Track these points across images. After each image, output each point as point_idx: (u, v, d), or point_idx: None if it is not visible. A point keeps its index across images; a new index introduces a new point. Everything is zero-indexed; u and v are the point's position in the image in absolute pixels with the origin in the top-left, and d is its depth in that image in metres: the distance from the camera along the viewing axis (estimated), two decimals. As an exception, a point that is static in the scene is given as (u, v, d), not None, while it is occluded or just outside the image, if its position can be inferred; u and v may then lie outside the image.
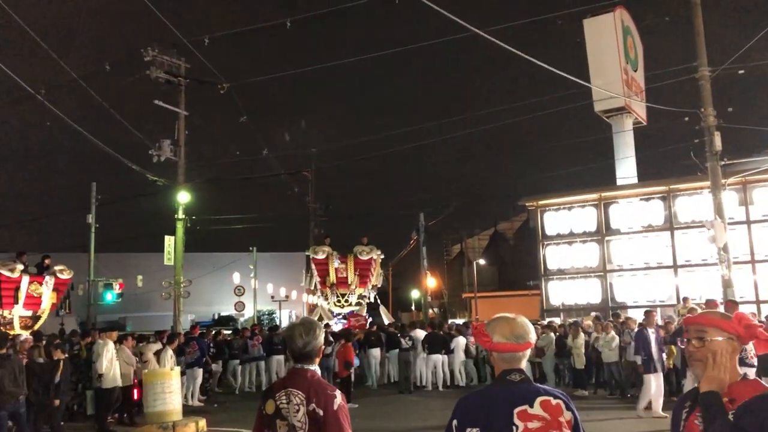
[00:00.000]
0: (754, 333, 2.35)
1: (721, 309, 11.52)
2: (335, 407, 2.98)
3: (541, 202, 22.45)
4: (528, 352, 2.61)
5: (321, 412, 2.95)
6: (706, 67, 16.17)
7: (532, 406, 2.45)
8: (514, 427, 2.42)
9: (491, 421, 2.45)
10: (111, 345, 11.93)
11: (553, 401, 2.47)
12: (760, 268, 18.90)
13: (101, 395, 11.81)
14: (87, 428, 12.06)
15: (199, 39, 20.00)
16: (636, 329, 14.94)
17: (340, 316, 23.89)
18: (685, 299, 16.81)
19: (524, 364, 2.62)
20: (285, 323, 33.82)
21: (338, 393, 3.06)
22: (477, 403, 2.55)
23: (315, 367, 3.15)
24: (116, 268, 29.15)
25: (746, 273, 18.69)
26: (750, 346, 9.63)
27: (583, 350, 15.31)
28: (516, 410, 2.44)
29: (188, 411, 12.92)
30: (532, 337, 2.61)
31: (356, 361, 16.86)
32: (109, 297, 24.78)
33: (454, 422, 2.55)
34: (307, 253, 25.75)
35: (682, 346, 13.81)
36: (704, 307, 12.84)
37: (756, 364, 9.40)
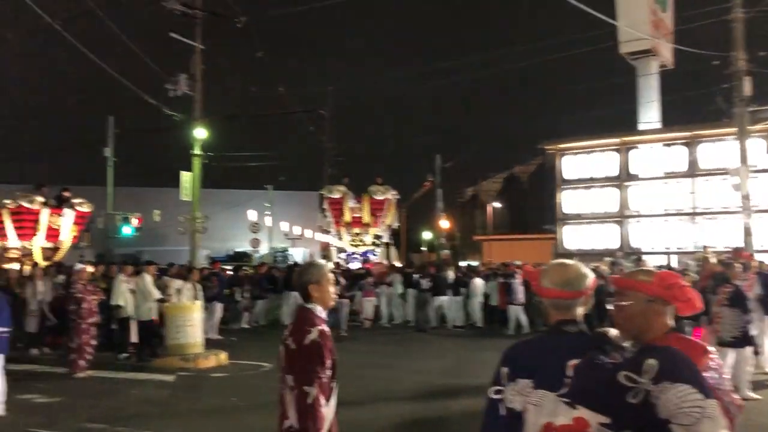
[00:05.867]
0: (675, 294, 2.28)
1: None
2: (306, 342, 3.08)
3: (561, 146, 22.19)
4: (580, 301, 2.44)
5: (293, 346, 3.09)
6: (740, 9, 15.64)
7: None
8: (566, 380, 2.29)
9: (543, 372, 2.34)
10: (148, 278, 12.10)
11: None
12: (781, 217, 18.72)
13: (142, 327, 12.09)
14: (110, 357, 12.29)
15: (216, -31, 19.48)
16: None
17: (355, 256, 24.08)
18: (705, 247, 16.74)
19: (579, 314, 2.47)
20: (299, 261, 34.12)
21: (316, 330, 3.12)
22: (528, 353, 2.45)
23: (311, 305, 3.25)
24: (134, 202, 29.29)
25: (766, 221, 18.53)
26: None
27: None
28: (570, 363, 2.31)
29: (208, 344, 13.13)
30: (584, 285, 2.44)
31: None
32: (127, 230, 24.98)
33: (505, 370, 2.44)
34: (321, 192, 25.76)
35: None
36: (729, 256, 12.69)
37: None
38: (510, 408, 2.39)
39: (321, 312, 3.25)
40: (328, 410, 3.11)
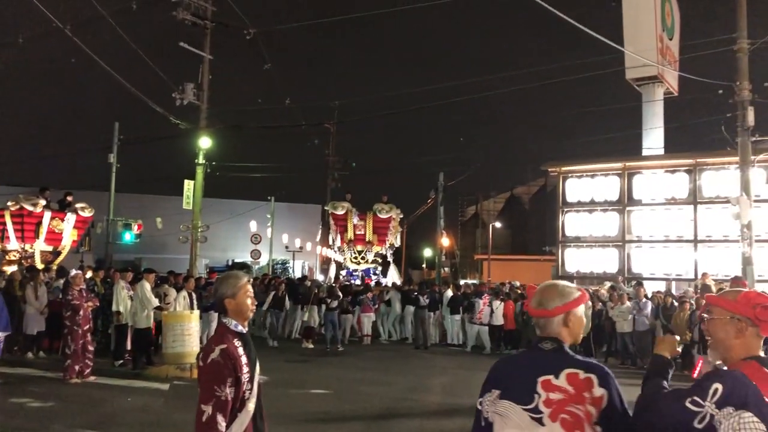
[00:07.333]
0: (758, 314, 2.24)
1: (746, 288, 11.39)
2: (208, 360, 3.00)
3: (564, 168, 22.21)
4: (555, 320, 2.47)
5: (201, 363, 3.04)
6: (746, 40, 15.72)
7: (557, 377, 2.34)
8: (535, 395, 2.34)
9: (513, 386, 2.41)
10: (147, 285, 12.12)
11: (582, 375, 2.33)
12: (782, 248, 18.68)
13: (139, 335, 12.14)
14: (106, 364, 12.25)
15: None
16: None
17: (355, 273, 24.03)
18: (704, 274, 16.72)
19: (558, 332, 2.47)
20: (298, 273, 34.07)
21: (218, 349, 3.02)
22: (505, 367, 2.54)
23: (226, 320, 3.16)
24: (135, 209, 29.27)
25: (766, 251, 18.50)
26: None
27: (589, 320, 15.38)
28: (540, 379, 2.36)
29: (204, 354, 13.07)
30: (555, 305, 2.47)
31: None
32: (128, 237, 24.97)
33: (486, 383, 2.55)
34: (326, 208, 25.74)
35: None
36: (727, 285, 12.70)
37: None
38: (486, 418, 2.46)
39: (236, 326, 3.14)
40: (234, 427, 3.04)
